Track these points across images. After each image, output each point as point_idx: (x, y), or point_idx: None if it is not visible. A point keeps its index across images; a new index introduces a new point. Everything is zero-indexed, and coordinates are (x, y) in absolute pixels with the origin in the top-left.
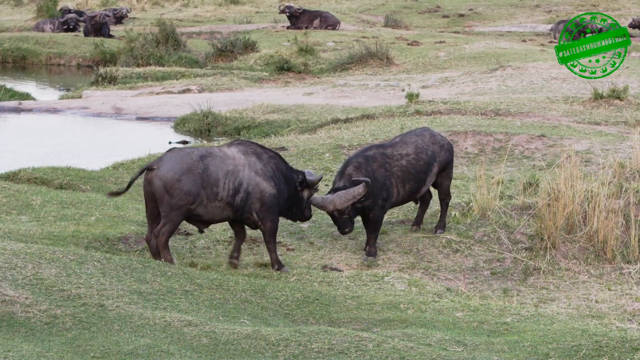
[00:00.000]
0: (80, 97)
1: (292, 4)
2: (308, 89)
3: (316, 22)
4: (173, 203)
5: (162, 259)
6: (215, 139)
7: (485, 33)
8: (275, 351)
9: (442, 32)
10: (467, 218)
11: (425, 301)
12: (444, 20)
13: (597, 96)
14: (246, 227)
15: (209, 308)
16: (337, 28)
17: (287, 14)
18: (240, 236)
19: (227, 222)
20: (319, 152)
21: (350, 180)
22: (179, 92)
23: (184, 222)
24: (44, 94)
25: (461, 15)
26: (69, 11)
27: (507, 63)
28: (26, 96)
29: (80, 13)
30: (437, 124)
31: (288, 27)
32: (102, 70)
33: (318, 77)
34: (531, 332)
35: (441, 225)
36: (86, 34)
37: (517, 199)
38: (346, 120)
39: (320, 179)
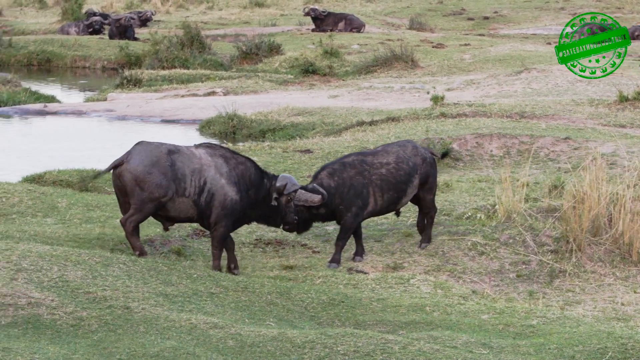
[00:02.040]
0: (106, 99)
1: (317, 7)
2: (333, 91)
3: (341, 24)
4: (144, 196)
5: (136, 252)
6: (241, 142)
7: (510, 36)
8: (301, 353)
9: (467, 34)
10: (493, 220)
11: (451, 304)
12: (469, 23)
13: (623, 99)
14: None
15: (235, 310)
16: (362, 31)
17: (312, 16)
18: (229, 245)
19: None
20: (344, 155)
21: (319, 184)
22: (204, 95)
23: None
24: (69, 96)
25: (486, 18)
26: (94, 14)
27: (532, 65)
28: (51, 99)
29: (105, 16)
30: (462, 127)
31: (313, 30)
32: (127, 72)
33: (343, 80)
34: (557, 334)
35: (426, 239)
36: (111, 37)
37: (542, 201)
38: (371, 123)
39: (285, 186)
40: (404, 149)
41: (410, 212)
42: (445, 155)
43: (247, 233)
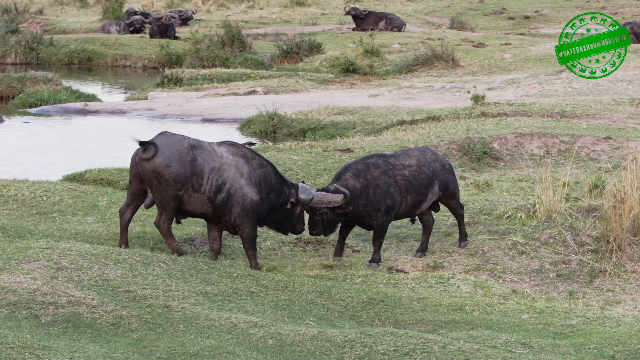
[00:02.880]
0: (146, 98)
1: (357, 6)
2: (373, 90)
3: (382, 23)
4: (162, 189)
5: (174, 253)
6: (281, 141)
7: (551, 35)
8: (341, 353)
9: (508, 34)
10: (533, 220)
11: (491, 303)
12: (510, 22)
13: None
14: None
15: (275, 309)
16: (402, 30)
17: (353, 15)
18: (215, 245)
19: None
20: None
21: (344, 186)
22: (245, 94)
23: None
24: (109, 95)
25: (527, 17)
26: (135, 13)
27: None
28: (92, 97)
29: (146, 15)
30: (503, 126)
31: (353, 29)
32: (167, 71)
33: (383, 79)
34: (597, 334)
35: (463, 237)
36: (152, 36)
37: (582, 201)
38: (412, 122)
39: (311, 199)
40: (424, 154)
41: (450, 212)
42: None
43: None
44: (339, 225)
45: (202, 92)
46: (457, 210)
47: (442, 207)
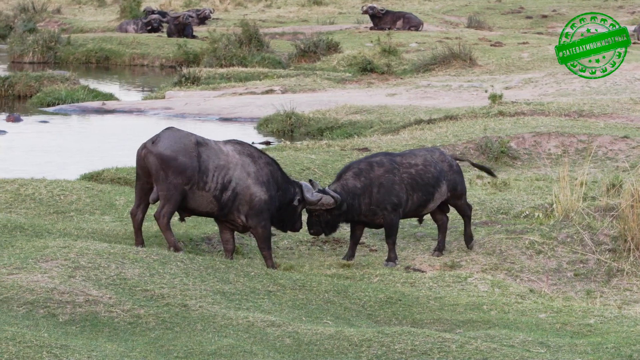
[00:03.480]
0: (164, 97)
1: (375, 5)
2: (391, 89)
3: (399, 23)
4: (168, 181)
5: (171, 248)
6: (298, 140)
7: None
8: (358, 352)
9: (525, 33)
10: (550, 219)
11: (508, 302)
12: (527, 21)
13: None
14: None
15: (292, 308)
16: (420, 29)
17: (370, 14)
18: (229, 246)
19: (219, 234)
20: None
21: (343, 187)
22: (262, 93)
23: None
24: (127, 94)
25: (544, 16)
26: (152, 12)
27: None
28: (109, 97)
29: (163, 14)
30: (520, 125)
31: (371, 28)
32: (185, 70)
33: (401, 78)
34: (615, 333)
35: (468, 239)
36: (169, 35)
37: (600, 200)
38: (429, 121)
39: (317, 201)
40: (431, 153)
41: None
42: None
43: (304, 231)
44: (339, 224)
45: (220, 91)
46: (465, 211)
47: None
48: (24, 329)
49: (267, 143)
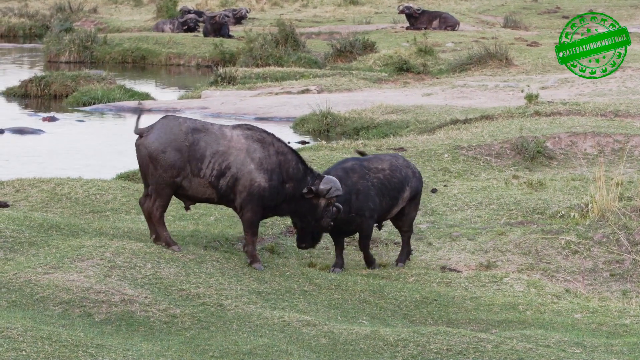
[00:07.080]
0: (200, 97)
1: (411, 5)
2: (427, 89)
3: (435, 22)
4: (157, 175)
5: (162, 242)
6: (334, 139)
7: None
8: (394, 352)
9: None
10: (586, 219)
11: (544, 302)
12: (564, 21)
13: None
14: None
15: (328, 308)
16: (456, 29)
17: (407, 14)
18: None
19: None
20: (437, 153)
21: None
22: (298, 93)
23: None
24: (163, 94)
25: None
26: (189, 11)
27: (627, 64)
28: (146, 96)
29: (199, 13)
30: (556, 125)
31: (407, 28)
32: (221, 70)
33: (437, 78)
34: None
35: (402, 259)
36: (205, 34)
37: (636, 200)
38: (465, 121)
39: (329, 190)
40: (396, 159)
41: (503, 210)
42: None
43: None
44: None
45: (256, 90)
46: (408, 231)
47: (499, 205)
48: (59, 328)
49: (304, 142)
